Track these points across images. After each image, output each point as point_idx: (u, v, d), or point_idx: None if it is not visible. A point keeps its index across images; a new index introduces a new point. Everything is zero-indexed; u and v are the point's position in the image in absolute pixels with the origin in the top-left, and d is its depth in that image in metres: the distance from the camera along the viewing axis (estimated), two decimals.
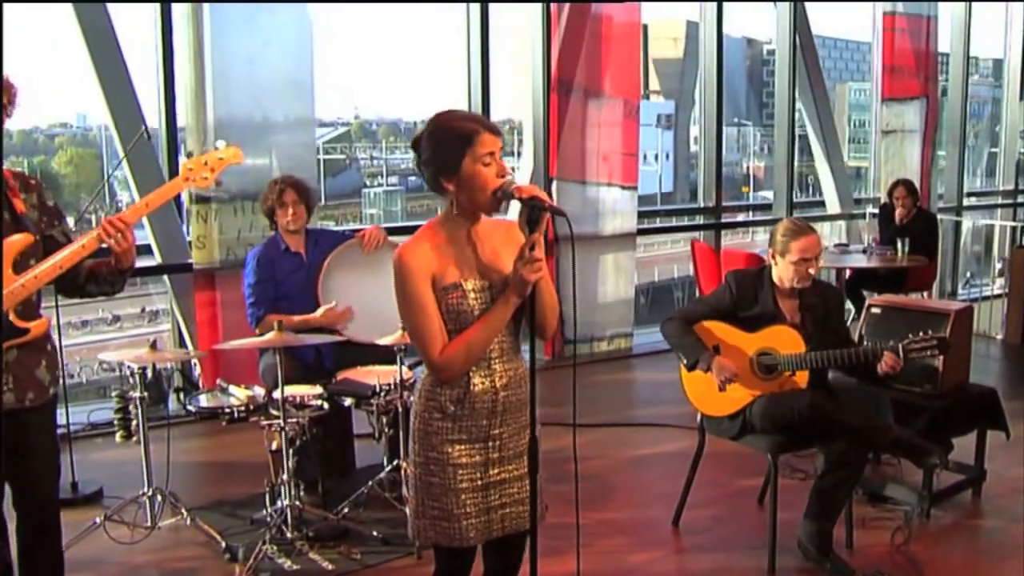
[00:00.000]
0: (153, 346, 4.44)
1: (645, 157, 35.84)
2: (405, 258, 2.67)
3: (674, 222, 10.37)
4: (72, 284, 3.43)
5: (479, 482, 2.78)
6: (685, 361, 4.30)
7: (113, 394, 4.61)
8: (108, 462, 5.56)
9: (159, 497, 4.60)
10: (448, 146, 2.65)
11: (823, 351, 4.16)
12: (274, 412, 4.40)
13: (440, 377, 2.73)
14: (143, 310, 17.78)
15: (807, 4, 9.46)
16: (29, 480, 3.40)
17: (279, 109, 6.72)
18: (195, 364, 6.61)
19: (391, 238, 5.25)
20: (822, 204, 10.10)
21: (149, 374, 5.98)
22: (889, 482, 4.92)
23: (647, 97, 38.73)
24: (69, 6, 6.33)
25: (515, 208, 3.42)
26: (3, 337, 3.16)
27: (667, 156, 37.35)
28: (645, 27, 9.01)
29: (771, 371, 4.25)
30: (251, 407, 4.46)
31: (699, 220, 9.46)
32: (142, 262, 7.03)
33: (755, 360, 4.26)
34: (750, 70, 46.87)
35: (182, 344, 6.68)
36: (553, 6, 7.76)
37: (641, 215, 8.56)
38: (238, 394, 4.55)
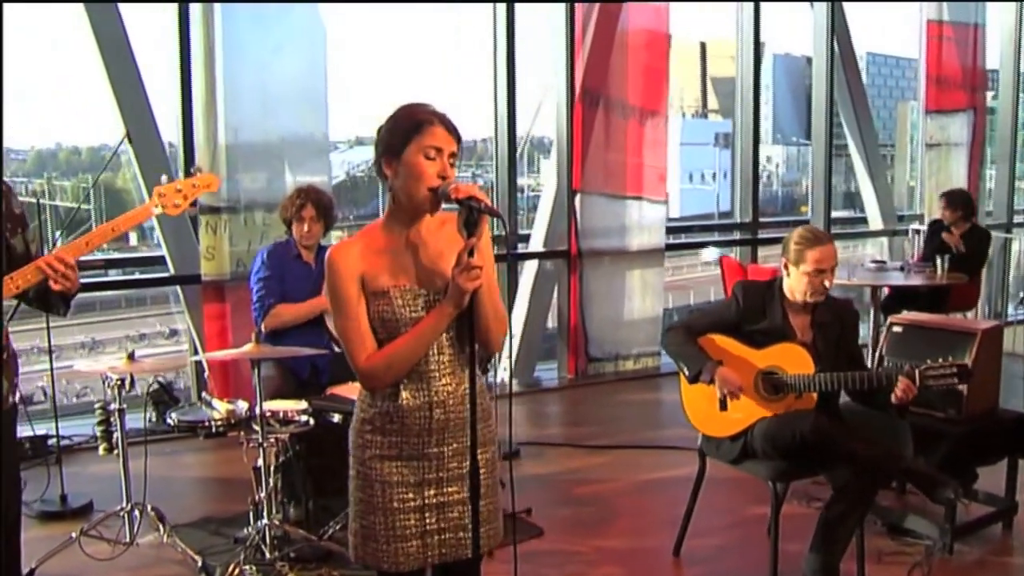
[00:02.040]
0: (131, 357, 4.30)
1: (703, 176, 35.51)
2: (333, 259, 2.52)
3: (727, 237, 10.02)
4: (23, 298, 3.32)
5: (412, 503, 2.58)
6: (687, 372, 4.04)
7: (95, 407, 4.47)
8: (103, 476, 5.44)
9: (137, 512, 4.45)
10: (397, 130, 2.51)
11: (833, 373, 3.87)
12: (256, 428, 4.24)
13: (365, 385, 2.57)
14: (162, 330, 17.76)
15: (847, 10, 9.14)
16: None
17: (291, 119, 6.60)
18: (206, 376, 6.51)
19: None
20: (865, 220, 9.75)
21: (156, 385, 5.93)
22: (910, 513, 4.58)
23: (705, 116, 38.34)
24: (84, 17, 6.29)
25: None
26: None
27: (725, 175, 36.94)
28: (703, 45, 8.82)
29: (778, 391, 3.97)
30: (231, 422, 4.30)
31: (737, 236, 9.19)
32: (157, 272, 7.00)
33: (761, 378, 3.99)
34: (809, 90, 46.19)
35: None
36: (579, 17, 7.56)
37: (675, 230, 8.32)
38: (220, 408, 4.39)
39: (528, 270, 8.08)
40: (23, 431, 5.82)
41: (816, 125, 9.22)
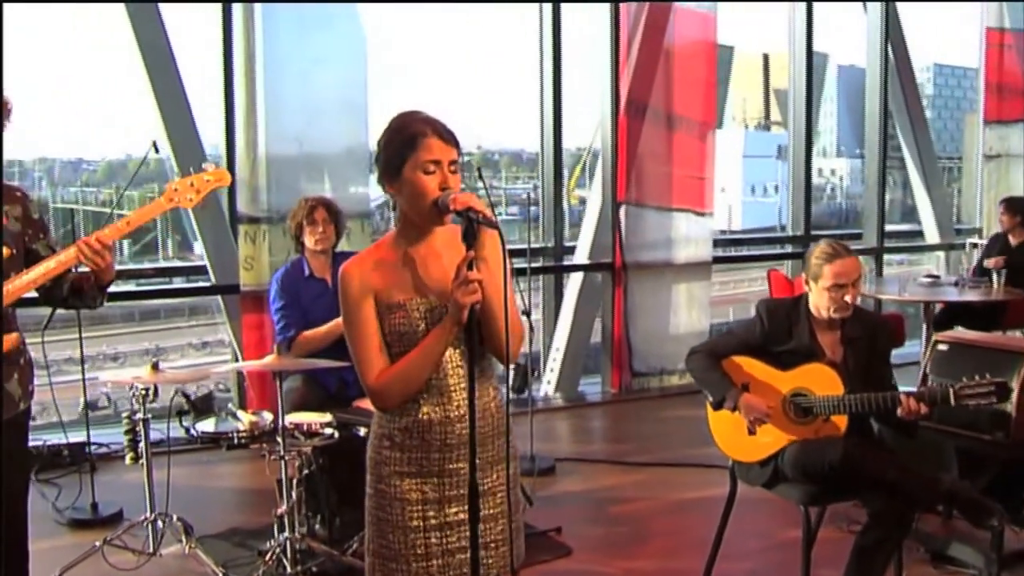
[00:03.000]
0: (155, 367, 4.29)
1: (765, 190, 35.06)
2: (346, 273, 2.47)
3: (779, 250, 9.82)
4: (55, 297, 3.36)
5: (433, 521, 2.50)
6: (710, 399, 3.91)
7: (122, 416, 4.47)
8: (136, 485, 5.41)
9: (161, 523, 4.44)
10: (393, 148, 2.44)
11: (861, 395, 3.69)
12: (280, 440, 4.19)
13: (376, 404, 2.50)
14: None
15: (905, 19, 8.92)
16: None
17: (331, 130, 6.59)
18: (247, 387, 6.52)
19: None
20: (922, 234, 9.49)
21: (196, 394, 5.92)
22: (955, 540, 4.38)
23: (768, 128, 37.86)
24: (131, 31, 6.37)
25: None
26: None
27: (787, 188, 36.38)
28: (766, 57, 8.69)
29: (807, 413, 3.82)
30: (254, 434, 4.26)
31: (789, 249, 9.00)
32: (197, 282, 7.03)
33: (788, 401, 3.84)
34: None
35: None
36: (624, 26, 7.46)
37: (726, 243, 8.16)
38: (244, 420, 4.36)
39: (573, 283, 7.98)
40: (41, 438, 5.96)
41: (869, 135, 9.00)
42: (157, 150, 4.30)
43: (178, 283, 8.15)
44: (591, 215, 7.97)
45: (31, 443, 5.74)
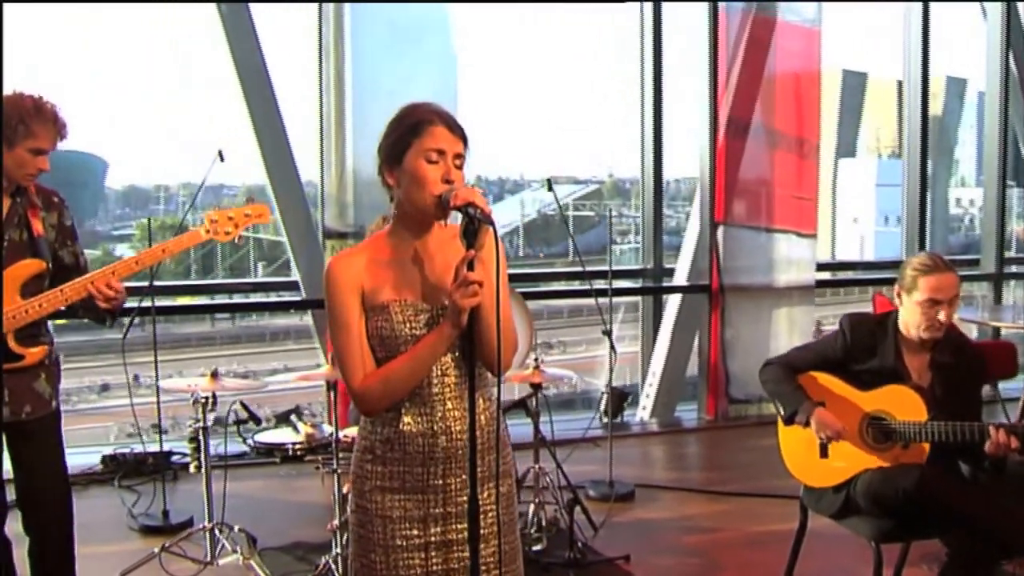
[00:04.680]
0: (214, 376, 4.29)
1: (899, 220, 33.86)
2: (332, 269, 2.34)
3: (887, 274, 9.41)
4: (88, 310, 3.42)
5: (416, 540, 2.35)
6: (781, 412, 3.67)
7: (188, 425, 4.49)
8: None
9: (219, 533, 4.42)
10: (396, 134, 2.33)
11: (948, 423, 3.38)
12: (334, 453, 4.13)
13: (359, 408, 2.36)
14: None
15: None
16: (33, 497, 3.39)
17: None
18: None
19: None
20: None
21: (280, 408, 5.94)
22: None
23: (899, 156, 36.56)
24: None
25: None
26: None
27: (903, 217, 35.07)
28: (900, 84, 8.40)
29: (886, 438, 3.54)
30: (310, 446, 4.21)
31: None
32: (288, 296, 7.10)
33: (867, 423, 3.56)
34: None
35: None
36: (722, 42, 7.24)
37: (827, 267, 7.81)
38: (302, 431, 4.31)
39: (671, 307, 7.75)
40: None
41: (988, 154, 8.50)
42: (223, 159, 4.32)
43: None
44: (690, 236, 7.75)
45: (118, 450, 5.95)
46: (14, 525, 3.46)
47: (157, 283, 5.45)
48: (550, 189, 5.34)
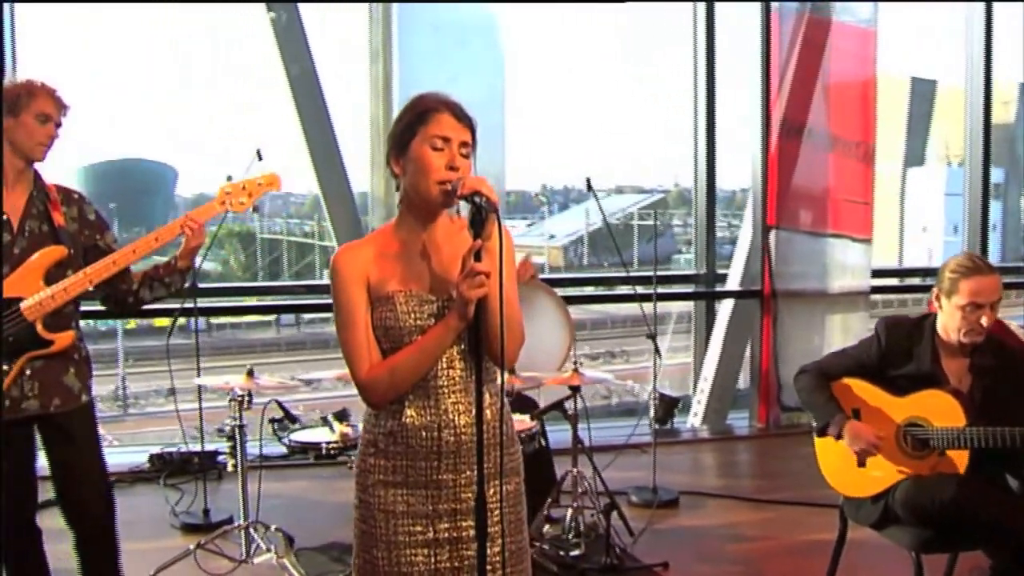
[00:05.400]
0: (250, 374, 4.31)
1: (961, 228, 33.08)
2: (337, 261, 2.33)
3: None
4: (120, 298, 3.46)
5: (420, 537, 2.32)
6: (813, 423, 3.57)
7: (226, 424, 4.52)
8: (253, 495, 5.51)
9: (254, 531, 4.44)
10: (404, 122, 2.32)
11: (987, 428, 3.26)
12: None
13: (365, 400, 2.35)
14: None
15: None
16: (69, 493, 3.43)
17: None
18: None
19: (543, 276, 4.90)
20: None
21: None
22: None
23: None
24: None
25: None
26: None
27: (993, 227, 34.32)
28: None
29: (923, 446, 3.42)
30: (345, 445, 4.20)
31: None
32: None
33: (902, 431, 3.45)
34: None
35: None
36: (775, 44, 7.12)
37: (892, 273, 7.63)
38: (336, 431, 4.31)
39: (723, 312, 7.63)
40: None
41: None
42: (261, 158, 4.35)
43: None
44: (743, 240, 7.63)
45: (166, 449, 6.01)
46: (54, 520, 3.51)
47: (224, 285, 5.53)
48: (589, 189, 5.28)
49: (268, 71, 6.76)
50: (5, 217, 3.23)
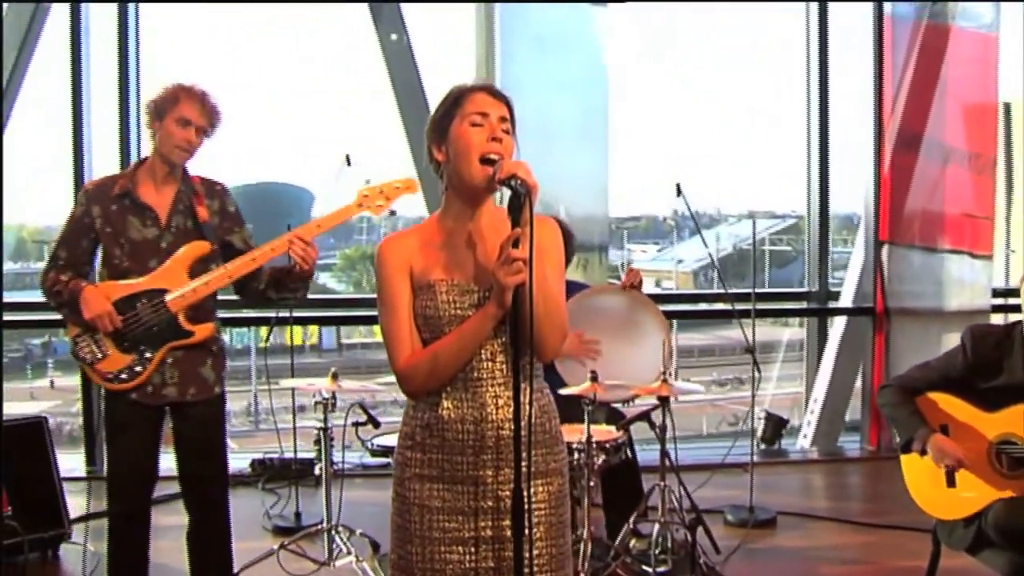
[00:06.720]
0: (334, 377, 4.36)
1: None
2: (382, 250, 2.33)
3: None
4: (252, 290, 3.57)
5: (456, 534, 2.27)
6: (897, 439, 3.40)
7: (317, 428, 4.58)
8: (348, 500, 5.56)
9: (335, 535, 4.47)
10: (441, 111, 2.32)
11: None
12: None
13: (403, 389, 2.32)
14: None
15: None
16: (192, 478, 3.57)
17: (569, 159, 6.50)
18: None
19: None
20: None
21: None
22: None
23: None
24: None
25: None
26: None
27: None
28: None
29: (1019, 465, 3.22)
30: None
31: None
32: None
33: (995, 449, 3.25)
34: None
35: None
36: (887, 51, 6.87)
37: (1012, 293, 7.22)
38: None
39: (835, 331, 7.38)
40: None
41: None
42: (350, 163, 4.41)
43: None
44: (856, 256, 7.37)
45: (267, 455, 6.14)
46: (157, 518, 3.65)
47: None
48: (679, 194, 5.18)
49: (375, 83, 6.88)
50: (154, 213, 3.40)
